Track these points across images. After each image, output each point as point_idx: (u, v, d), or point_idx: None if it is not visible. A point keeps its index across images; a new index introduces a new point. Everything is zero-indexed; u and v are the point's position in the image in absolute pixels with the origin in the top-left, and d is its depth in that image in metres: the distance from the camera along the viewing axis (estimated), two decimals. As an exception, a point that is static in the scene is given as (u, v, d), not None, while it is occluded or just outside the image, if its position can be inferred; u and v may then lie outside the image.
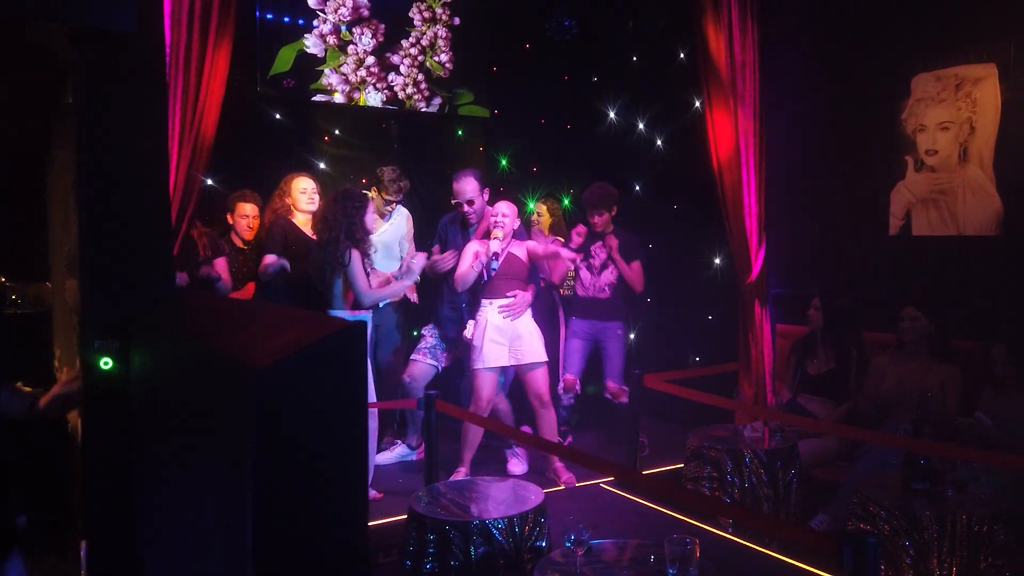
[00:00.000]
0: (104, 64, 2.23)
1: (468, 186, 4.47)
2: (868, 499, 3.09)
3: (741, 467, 3.77)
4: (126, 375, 2.08)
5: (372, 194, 4.55)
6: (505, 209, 4.38)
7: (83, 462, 2.32)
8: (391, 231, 4.72)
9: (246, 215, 4.50)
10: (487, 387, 4.29)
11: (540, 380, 4.35)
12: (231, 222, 4.53)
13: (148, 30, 2.37)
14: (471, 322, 4.41)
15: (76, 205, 2.36)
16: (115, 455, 2.16)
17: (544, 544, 2.93)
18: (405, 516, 3.04)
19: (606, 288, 4.90)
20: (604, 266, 4.90)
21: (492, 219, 4.35)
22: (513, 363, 4.34)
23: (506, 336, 4.28)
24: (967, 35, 4.14)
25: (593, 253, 4.91)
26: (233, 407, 1.30)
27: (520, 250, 4.38)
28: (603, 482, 4.40)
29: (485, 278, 4.28)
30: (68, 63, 2.32)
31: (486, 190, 4.57)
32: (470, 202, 4.47)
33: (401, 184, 4.59)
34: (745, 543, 3.58)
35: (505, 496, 3.10)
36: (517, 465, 4.65)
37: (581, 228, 4.81)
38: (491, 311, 4.28)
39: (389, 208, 4.65)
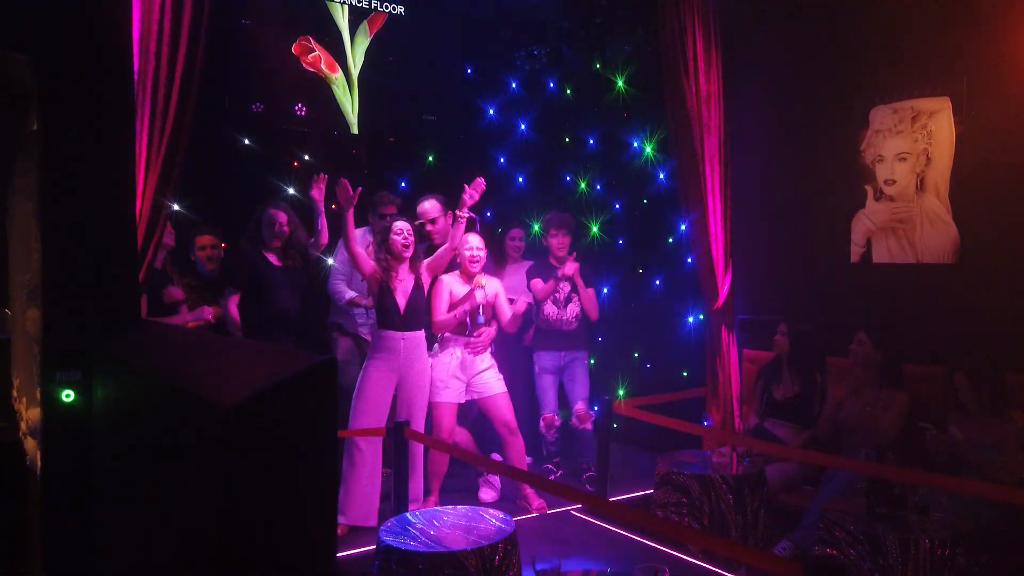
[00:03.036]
0: (70, 92, 2.21)
1: (430, 205, 4.59)
2: (833, 524, 3.13)
3: (709, 493, 3.79)
4: (88, 408, 2.04)
5: None
6: (478, 243, 4.35)
7: (42, 496, 2.26)
8: None
9: (204, 246, 4.48)
10: (448, 418, 4.27)
11: (504, 408, 4.34)
12: (192, 258, 4.50)
13: (116, 58, 2.36)
14: (428, 356, 4.40)
15: (38, 232, 2.33)
16: (75, 490, 2.11)
17: (515, 573, 2.91)
18: (373, 547, 3.01)
19: (572, 320, 4.96)
20: (568, 299, 4.94)
21: (467, 253, 4.31)
22: (474, 397, 4.34)
23: (467, 372, 4.31)
24: (922, 69, 4.28)
25: (558, 288, 4.95)
26: (199, 444, 1.28)
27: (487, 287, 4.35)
28: (573, 509, 4.40)
29: (469, 328, 4.27)
30: (33, 91, 2.30)
31: (449, 213, 4.60)
32: (432, 221, 4.57)
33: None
34: (715, 569, 3.60)
35: (475, 525, 3.08)
36: (488, 493, 4.62)
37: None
38: (454, 346, 4.29)
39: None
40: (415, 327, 4.15)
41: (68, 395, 2.06)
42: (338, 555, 3.75)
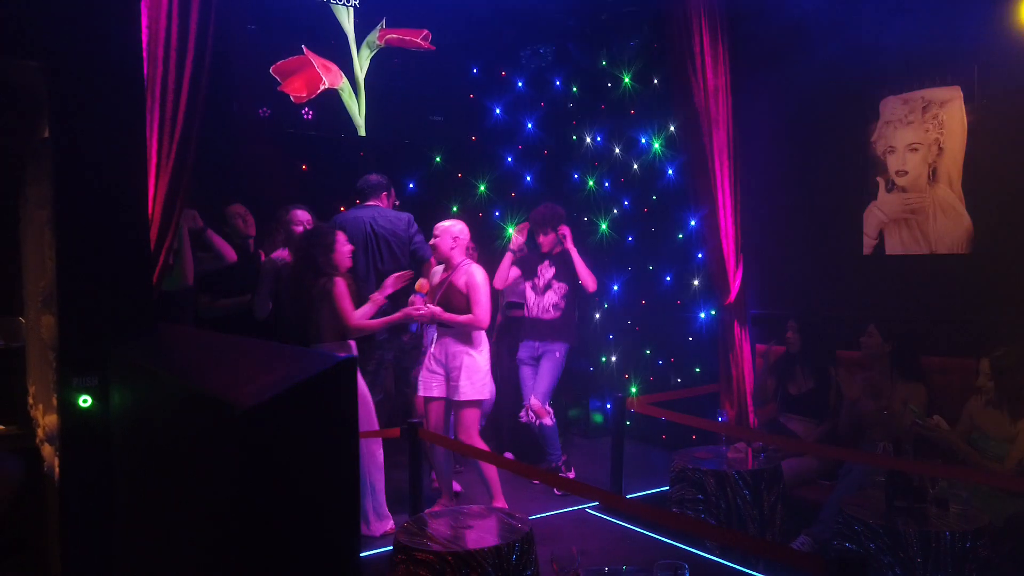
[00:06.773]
0: (81, 99, 2.22)
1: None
2: (852, 517, 3.11)
3: (726, 488, 3.78)
4: (105, 413, 2.04)
5: None
6: (437, 231, 4.23)
7: (61, 502, 2.27)
8: None
9: (238, 214, 4.52)
10: (430, 415, 4.23)
11: (466, 419, 4.15)
12: (226, 230, 4.51)
13: (125, 64, 2.36)
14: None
15: (52, 240, 2.33)
16: (94, 495, 2.11)
17: (533, 572, 2.90)
18: (391, 548, 3.00)
19: (550, 308, 4.84)
20: (548, 286, 4.86)
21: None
22: (450, 396, 4.21)
23: (441, 366, 4.21)
24: (932, 59, 4.24)
25: (539, 273, 4.91)
26: (218, 447, 1.28)
27: (462, 277, 4.15)
28: (589, 507, 4.39)
29: (425, 340, 4.30)
30: (44, 99, 2.31)
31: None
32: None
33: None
34: (733, 565, 3.58)
35: (492, 525, 3.07)
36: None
37: (524, 225, 4.92)
38: (430, 337, 4.34)
39: None
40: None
41: (85, 400, 2.06)
42: (355, 557, 3.75)
